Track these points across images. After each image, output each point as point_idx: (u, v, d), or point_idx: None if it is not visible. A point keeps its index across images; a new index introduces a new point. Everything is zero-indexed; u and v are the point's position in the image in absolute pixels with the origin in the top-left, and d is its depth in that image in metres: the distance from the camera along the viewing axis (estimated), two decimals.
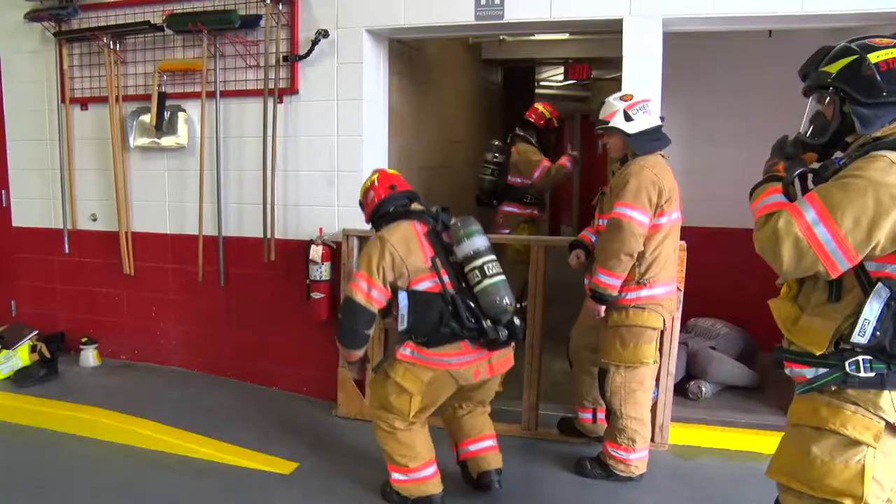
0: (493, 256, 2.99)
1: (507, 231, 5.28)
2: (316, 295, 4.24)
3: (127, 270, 4.86)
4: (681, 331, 3.84)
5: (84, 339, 5.00)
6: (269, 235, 4.40)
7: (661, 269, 3.26)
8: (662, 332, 3.48)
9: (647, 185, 3.15)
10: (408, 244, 3.00)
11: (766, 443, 3.68)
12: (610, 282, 3.20)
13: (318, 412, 4.35)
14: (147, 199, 4.81)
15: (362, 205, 3.33)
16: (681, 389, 4.19)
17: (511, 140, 5.43)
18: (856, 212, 1.74)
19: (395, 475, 3.18)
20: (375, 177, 3.28)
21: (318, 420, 4.25)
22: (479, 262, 2.94)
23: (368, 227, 3.42)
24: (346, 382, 4.28)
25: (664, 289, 3.30)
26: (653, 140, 3.27)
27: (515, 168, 5.32)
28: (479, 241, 2.99)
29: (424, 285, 2.97)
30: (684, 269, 3.59)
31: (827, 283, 1.88)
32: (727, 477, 3.51)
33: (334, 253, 4.26)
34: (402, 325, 2.96)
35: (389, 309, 3.10)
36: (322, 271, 4.20)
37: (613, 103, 3.30)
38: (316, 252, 4.19)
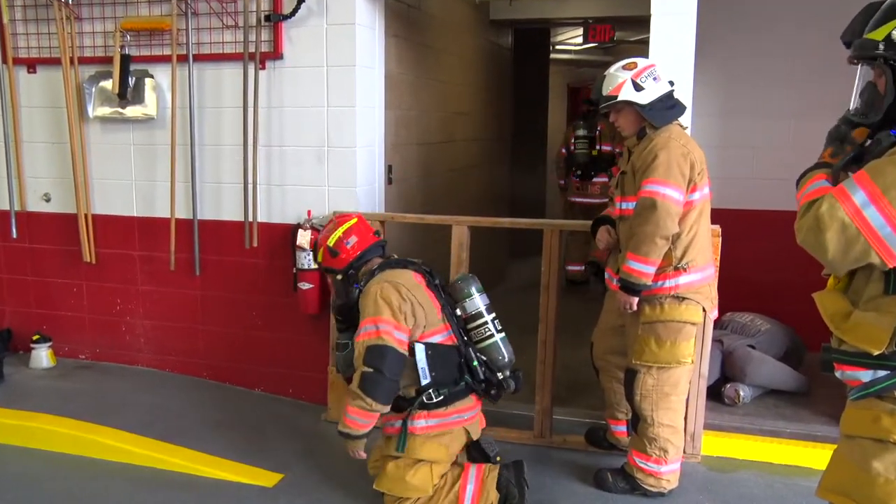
0: (494, 313, 3.32)
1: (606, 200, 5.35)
2: (304, 285, 4.24)
3: (87, 258, 4.85)
4: (714, 327, 3.84)
5: (35, 337, 5.00)
6: (250, 218, 4.40)
7: (698, 252, 3.27)
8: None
9: (677, 159, 3.17)
10: (421, 292, 3.15)
11: (814, 456, 3.69)
12: (644, 269, 3.20)
13: (306, 417, 4.36)
14: (110, 176, 4.80)
15: (332, 252, 3.27)
16: (715, 394, 4.20)
17: (591, 115, 6.87)
18: None
19: None
20: (353, 221, 3.33)
21: (305, 426, 4.25)
22: (487, 319, 3.28)
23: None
24: (337, 384, 4.27)
25: (701, 274, 3.30)
26: (668, 108, 3.29)
27: (607, 137, 6.82)
28: (485, 299, 3.33)
29: (439, 337, 3.16)
30: (718, 258, 3.59)
31: (882, 274, 1.84)
32: (769, 495, 3.51)
33: None
34: (425, 380, 3.11)
35: None
36: (310, 259, 4.19)
37: (617, 75, 3.30)
38: (304, 237, 4.18)
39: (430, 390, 3.13)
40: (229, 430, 4.15)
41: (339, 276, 3.31)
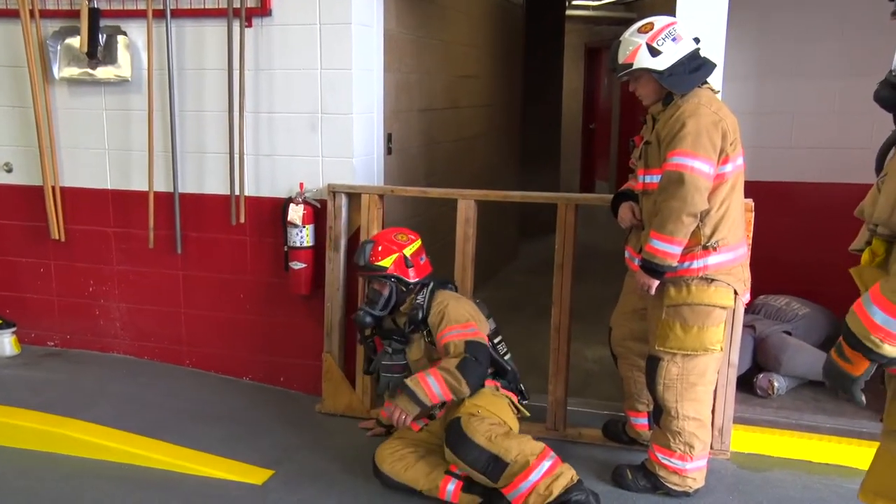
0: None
1: None
2: (296, 265, 4.26)
3: (55, 235, 4.86)
4: (746, 311, 3.85)
5: None
6: (236, 192, 4.40)
7: (729, 230, 3.26)
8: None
9: (707, 127, 3.15)
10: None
11: (857, 454, 3.69)
12: (670, 249, 3.18)
13: (298, 408, 4.40)
14: (80, 145, 4.79)
15: (408, 262, 3.64)
16: (746, 384, 4.22)
17: None
18: None
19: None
20: (420, 242, 3.76)
21: (297, 417, 4.29)
22: (500, 337, 3.75)
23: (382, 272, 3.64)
24: (331, 371, 4.32)
25: (733, 254, 3.30)
26: (692, 70, 3.26)
27: None
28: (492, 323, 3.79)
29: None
30: (751, 235, 3.59)
31: None
32: (806, 497, 3.52)
33: (318, 213, 4.28)
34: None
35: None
36: (303, 236, 4.22)
37: (632, 39, 3.29)
38: (296, 212, 4.20)
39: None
40: (215, 423, 4.18)
41: (398, 287, 3.63)
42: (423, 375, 3.37)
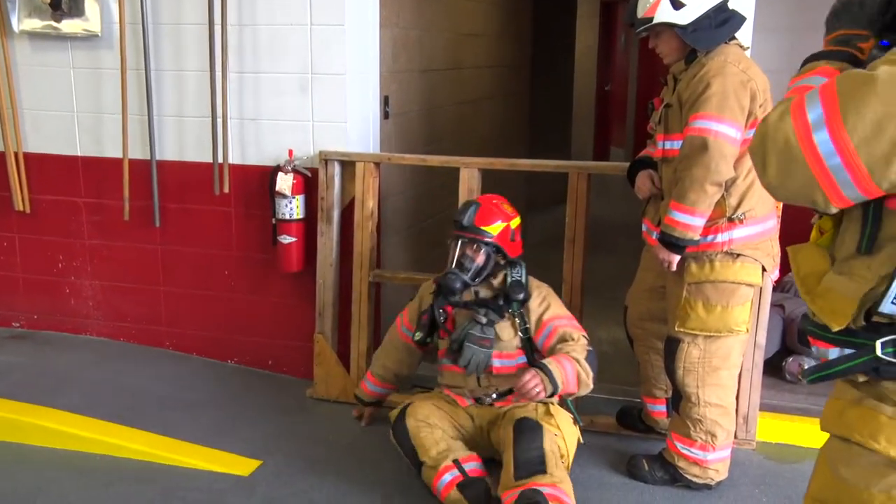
0: None
1: None
2: (285, 239, 4.29)
3: (19, 206, 4.87)
4: (774, 289, 3.88)
5: None
6: (220, 160, 4.43)
7: (758, 201, 3.26)
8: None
9: (734, 88, 3.14)
10: None
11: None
12: (691, 221, 3.19)
13: (288, 393, 4.44)
14: (45, 107, 4.79)
15: (513, 235, 3.66)
16: (774, 368, 4.26)
17: None
18: (879, 113, 1.56)
19: None
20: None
21: (287, 404, 4.34)
22: None
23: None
24: (324, 354, 4.36)
25: (761, 226, 3.31)
26: (719, 24, 3.24)
27: None
28: None
29: None
30: (780, 206, 3.60)
31: (859, 226, 1.73)
32: None
33: (308, 183, 4.29)
34: None
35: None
36: (292, 207, 4.24)
37: None
38: (284, 182, 4.21)
39: None
40: (197, 410, 4.23)
41: (495, 258, 3.64)
42: (558, 359, 3.40)
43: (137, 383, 4.50)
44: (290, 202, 4.24)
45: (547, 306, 3.61)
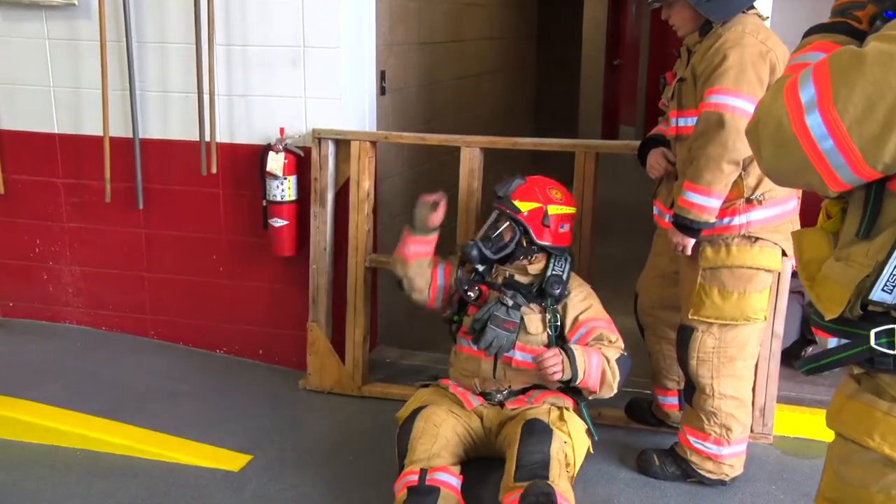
0: None
1: None
2: (276, 222, 4.30)
3: None
4: (794, 275, 3.90)
5: None
6: (207, 138, 4.42)
7: None
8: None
9: (753, 59, 3.14)
10: None
11: None
12: (707, 203, 3.19)
13: (280, 385, 4.47)
14: (19, 80, 4.78)
15: (545, 219, 3.63)
16: (793, 358, 4.25)
17: None
18: (868, 92, 1.55)
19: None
20: (574, 211, 3.78)
21: (279, 396, 4.36)
22: None
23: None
24: (317, 343, 4.38)
25: (780, 208, 3.32)
26: None
27: None
28: None
29: None
30: None
31: (860, 209, 1.73)
32: None
33: (301, 163, 4.30)
34: None
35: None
36: (284, 189, 4.25)
37: None
38: (275, 162, 4.22)
39: None
40: (184, 403, 4.25)
41: (522, 239, 3.64)
42: (587, 350, 3.44)
43: (120, 374, 4.51)
44: (282, 183, 4.25)
45: (588, 306, 3.64)
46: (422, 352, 4.78)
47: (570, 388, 3.52)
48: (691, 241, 3.29)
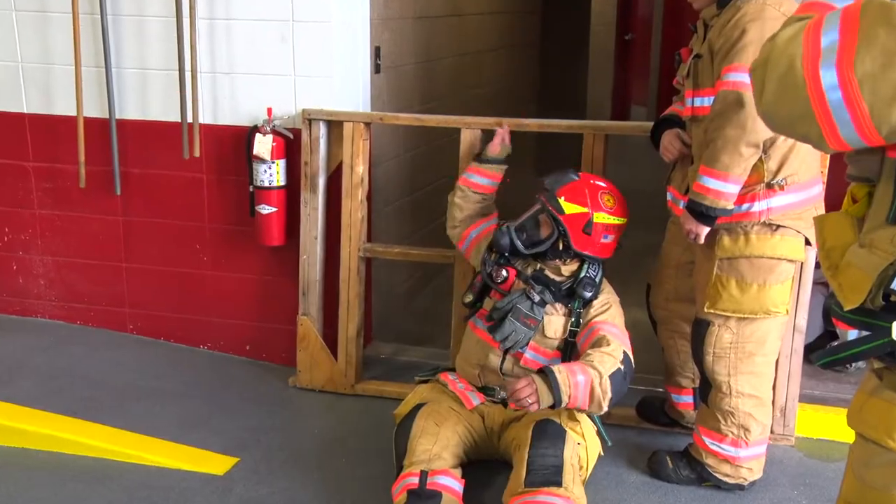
0: None
1: None
2: (264, 209, 4.31)
3: None
4: (817, 266, 3.91)
5: None
6: (189, 119, 4.43)
7: (801, 164, 3.26)
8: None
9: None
10: None
11: None
12: (724, 188, 3.19)
13: (268, 382, 4.49)
14: None
15: (588, 227, 3.61)
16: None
17: None
18: (889, 48, 1.55)
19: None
20: (624, 222, 3.75)
21: (266, 394, 4.38)
22: None
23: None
24: (308, 338, 4.40)
25: (804, 193, 3.31)
26: None
27: None
28: None
29: None
30: (826, 170, 3.62)
31: (891, 194, 1.74)
32: None
33: (290, 146, 4.31)
34: None
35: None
36: (272, 173, 4.26)
37: None
38: (263, 144, 4.22)
39: None
40: (165, 402, 4.26)
41: (559, 240, 3.62)
42: (572, 369, 3.30)
43: (95, 372, 4.52)
44: (270, 167, 4.25)
45: (605, 310, 3.61)
46: (419, 347, 4.80)
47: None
48: (705, 230, 3.29)
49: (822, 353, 1.85)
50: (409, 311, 5.43)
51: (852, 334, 1.79)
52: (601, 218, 3.62)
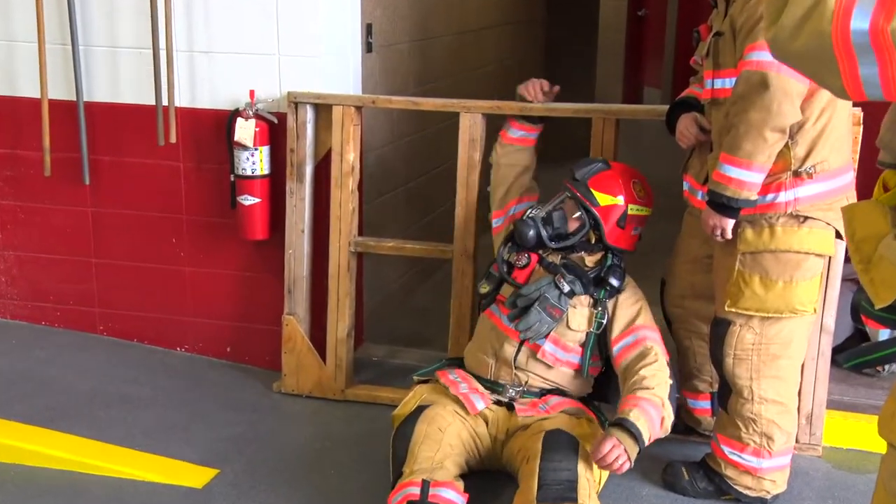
0: None
1: None
2: (246, 200, 4.31)
3: None
4: (846, 261, 3.92)
5: None
6: (164, 102, 4.43)
7: (831, 150, 3.27)
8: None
9: None
10: None
11: None
12: (747, 177, 3.18)
13: (251, 387, 4.50)
14: None
15: (623, 219, 3.71)
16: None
17: None
18: None
19: None
20: (649, 213, 3.84)
21: (249, 400, 4.39)
22: None
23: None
24: (294, 340, 4.41)
25: (834, 182, 3.31)
26: None
27: None
28: None
29: None
30: (857, 157, 3.62)
31: None
32: None
33: (275, 131, 4.32)
34: None
35: None
36: (255, 161, 4.26)
37: None
38: (245, 130, 4.22)
39: None
40: (138, 409, 4.27)
41: (589, 233, 3.70)
42: (643, 408, 3.35)
43: (62, 376, 4.53)
44: (252, 155, 4.26)
45: (640, 310, 3.67)
46: (414, 349, 4.80)
47: (593, 401, 3.60)
48: (730, 223, 3.29)
49: (850, 353, 1.86)
50: (404, 311, 5.44)
51: (884, 334, 1.79)
52: (635, 210, 3.72)
